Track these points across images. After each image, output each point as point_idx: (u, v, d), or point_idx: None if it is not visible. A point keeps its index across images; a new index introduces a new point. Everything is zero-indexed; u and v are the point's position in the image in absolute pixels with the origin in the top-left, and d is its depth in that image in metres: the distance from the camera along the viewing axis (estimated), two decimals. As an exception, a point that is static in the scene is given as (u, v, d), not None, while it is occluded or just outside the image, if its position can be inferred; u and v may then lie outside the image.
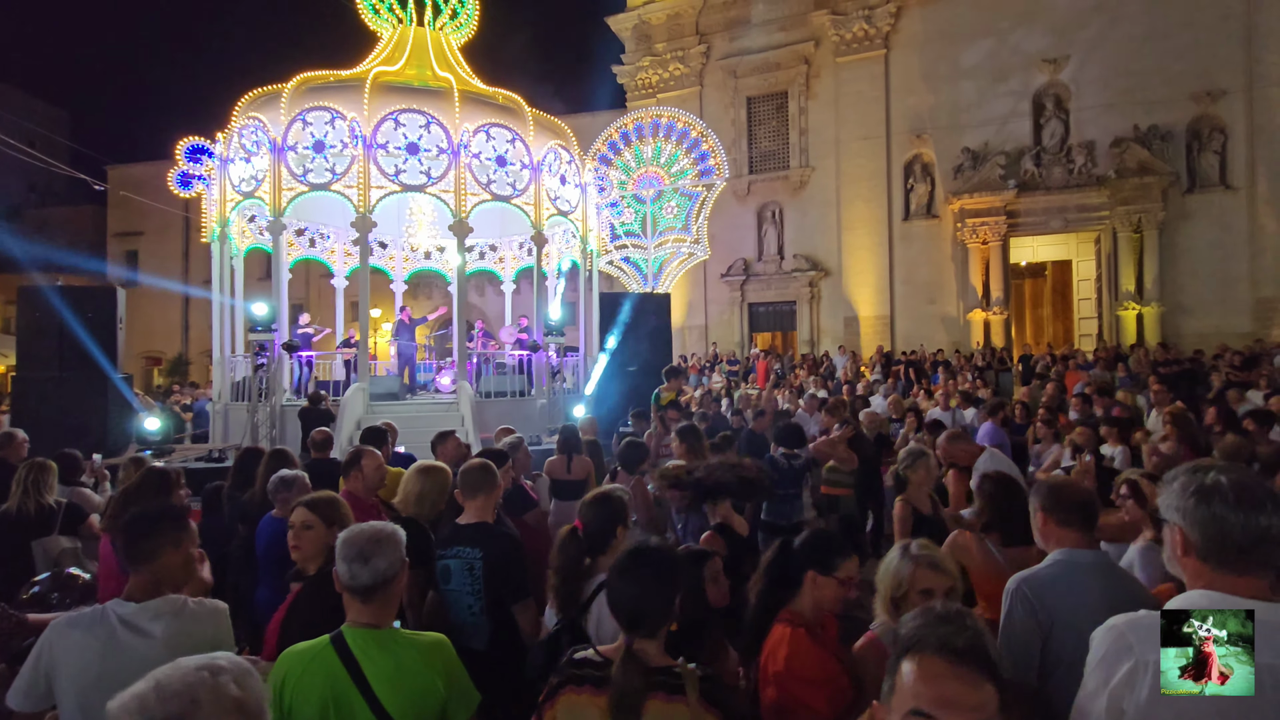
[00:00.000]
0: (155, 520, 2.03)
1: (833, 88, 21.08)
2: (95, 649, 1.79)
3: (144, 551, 1.97)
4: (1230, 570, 1.37)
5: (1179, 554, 1.44)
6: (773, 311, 22.66)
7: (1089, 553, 2.10)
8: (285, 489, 3.48)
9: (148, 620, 1.87)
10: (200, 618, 1.96)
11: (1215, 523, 1.36)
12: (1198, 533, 1.39)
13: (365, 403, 9.35)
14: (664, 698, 1.59)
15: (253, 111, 9.99)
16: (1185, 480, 1.44)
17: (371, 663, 1.78)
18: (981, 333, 18.83)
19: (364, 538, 1.86)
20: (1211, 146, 17.45)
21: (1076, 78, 18.49)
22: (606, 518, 2.27)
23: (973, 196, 18.90)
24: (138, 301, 26.15)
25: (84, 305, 8.60)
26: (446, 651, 1.91)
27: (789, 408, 9.87)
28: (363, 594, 1.84)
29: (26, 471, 3.92)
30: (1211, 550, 1.37)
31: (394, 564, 1.87)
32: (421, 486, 3.09)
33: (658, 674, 1.62)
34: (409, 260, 13.83)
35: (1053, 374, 12.73)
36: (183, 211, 22.53)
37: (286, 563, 3.18)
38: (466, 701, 1.92)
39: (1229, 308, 17.22)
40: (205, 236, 10.87)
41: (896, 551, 2.08)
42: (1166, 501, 1.47)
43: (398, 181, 9.55)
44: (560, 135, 11.19)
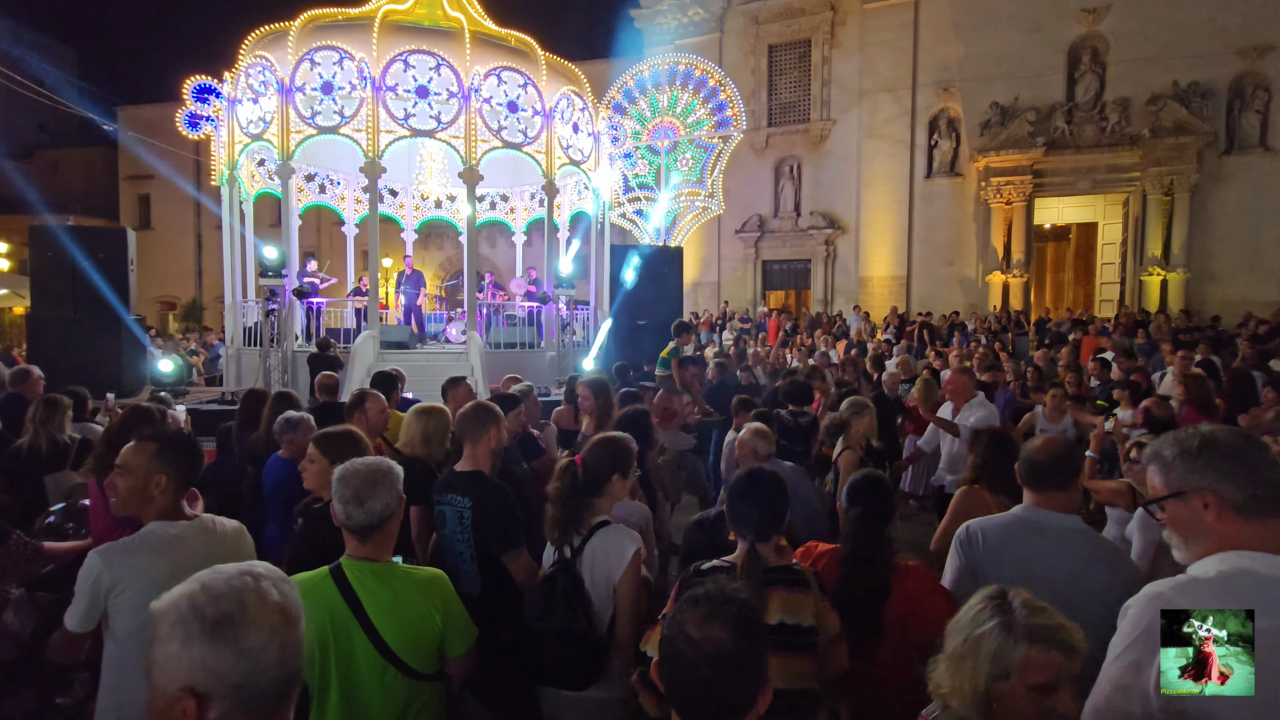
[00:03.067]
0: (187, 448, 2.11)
1: (858, 36, 20.26)
2: (164, 568, 1.87)
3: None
4: (1274, 516, 1.35)
5: (1212, 520, 1.37)
6: (787, 270, 22.36)
7: (1044, 513, 2.05)
8: (291, 430, 3.51)
9: (194, 534, 2.00)
10: (232, 535, 2.11)
11: (1255, 474, 1.35)
12: (1238, 490, 1.35)
13: (376, 350, 9.39)
14: (785, 590, 1.90)
15: (260, 50, 9.76)
16: (1199, 445, 1.39)
17: (369, 594, 1.79)
18: (1000, 296, 18.51)
19: (359, 478, 1.86)
20: (1254, 105, 16.69)
21: (1116, 29, 17.62)
22: (606, 461, 2.26)
23: (999, 154, 18.29)
24: (151, 245, 26.30)
25: (95, 246, 8.61)
26: (444, 586, 1.93)
27: (798, 365, 9.80)
28: (359, 533, 1.86)
29: (38, 408, 3.97)
30: (1259, 503, 1.34)
31: (390, 504, 1.87)
32: (425, 426, 3.09)
33: (776, 571, 1.94)
34: (419, 209, 13.67)
35: (1071, 339, 12.52)
36: (193, 154, 22.35)
37: (293, 502, 3.23)
38: (465, 635, 1.95)
39: (1258, 275, 16.75)
40: (214, 180, 10.78)
41: (987, 612, 1.34)
42: (1184, 473, 1.39)
43: (407, 126, 9.36)
44: (574, 81, 10.87)
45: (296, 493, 3.41)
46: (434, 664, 1.91)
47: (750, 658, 1.15)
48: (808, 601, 1.90)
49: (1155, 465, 1.46)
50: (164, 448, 2.02)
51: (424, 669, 1.86)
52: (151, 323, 20.00)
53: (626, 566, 2.16)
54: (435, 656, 1.91)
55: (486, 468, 2.66)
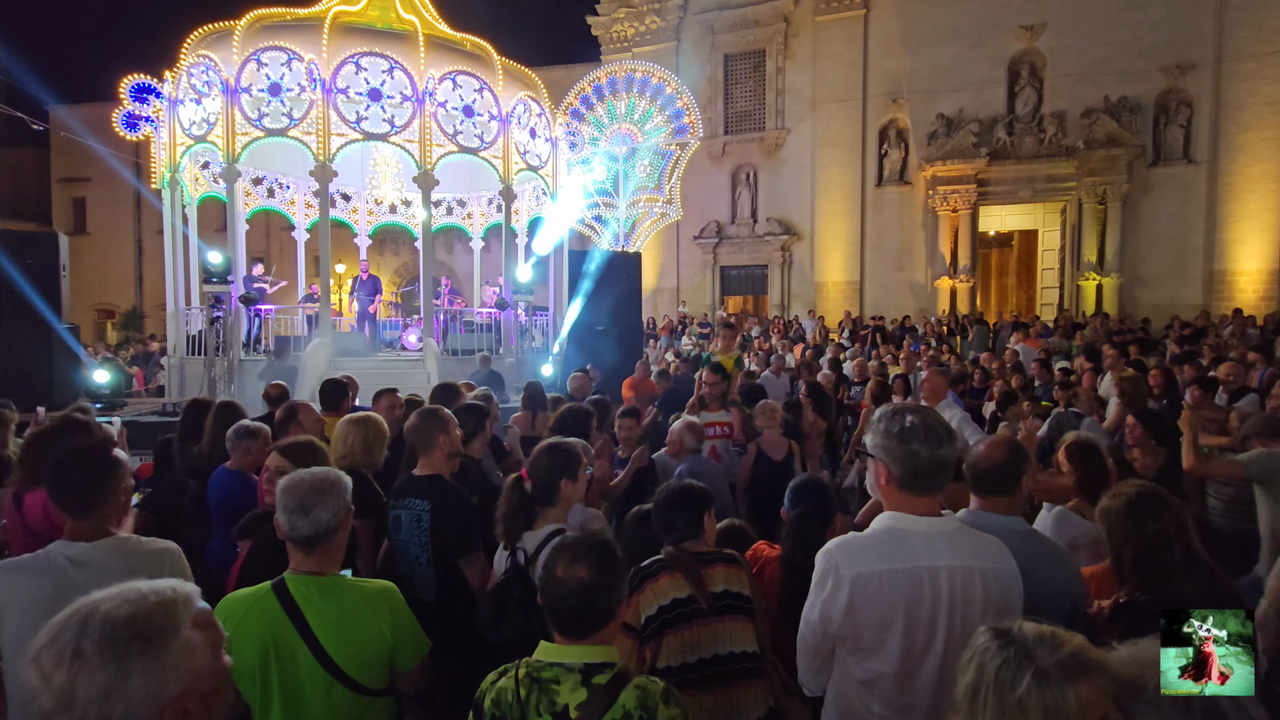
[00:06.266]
0: (89, 468, 1.95)
1: (810, 48, 20.74)
2: (47, 591, 1.74)
3: (90, 502, 1.91)
4: (916, 493, 1.70)
5: (881, 483, 1.74)
6: (745, 275, 22.66)
7: (987, 516, 2.02)
8: (250, 438, 3.39)
9: (96, 556, 1.84)
10: (151, 554, 1.93)
11: (911, 457, 1.66)
12: (897, 466, 1.68)
13: (328, 358, 9.15)
14: (724, 565, 2.18)
15: (203, 50, 9.44)
16: (888, 423, 1.71)
17: (314, 609, 1.75)
18: (948, 300, 19.14)
19: (304, 488, 1.81)
20: (1177, 120, 17.71)
21: (1052, 45, 18.48)
22: (552, 469, 2.26)
23: (945, 164, 18.96)
24: (87, 251, 25.04)
25: (23, 252, 8.16)
26: (393, 598, 1.89)
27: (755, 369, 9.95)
28: (304, 544, 1.81)
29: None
30: (906, 479, 1.69)
31: (336, 514, 1.83)
32: (366, 435, 3.01)
33: (714, 553, 2.22)
34: (373, 214, 13.40)
35: (1011, 341, 13.04)
36: (133, 156, 21.41)
37: (240, 516, 3.12)
38: (416, 648, 1.91)
39: (1183, 280, 17.74)
40: (155, 183, 10.36)
41: (1012, 666, 1.11)
42: (873, 440, 1.74)
43: (359, 129, 9.18)
44: (531, 87, 10.84)
45: (245, 506, 3.30)
46: (384, 679, 1.86)
47: (606, 585, 1.54)
48: (743, 575, 2.21)
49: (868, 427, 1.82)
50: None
51: (373, 684, 1.82)
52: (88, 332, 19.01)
53: None
54: (385, 671, 1.86)
55: (445, 471, 2.63)
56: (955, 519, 1.77)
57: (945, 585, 1.64)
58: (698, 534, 2.22)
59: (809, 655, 1.80)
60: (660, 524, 2.26)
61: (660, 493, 2.30)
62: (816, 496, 2.39)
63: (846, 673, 1.76)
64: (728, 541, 2.49)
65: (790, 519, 2.37)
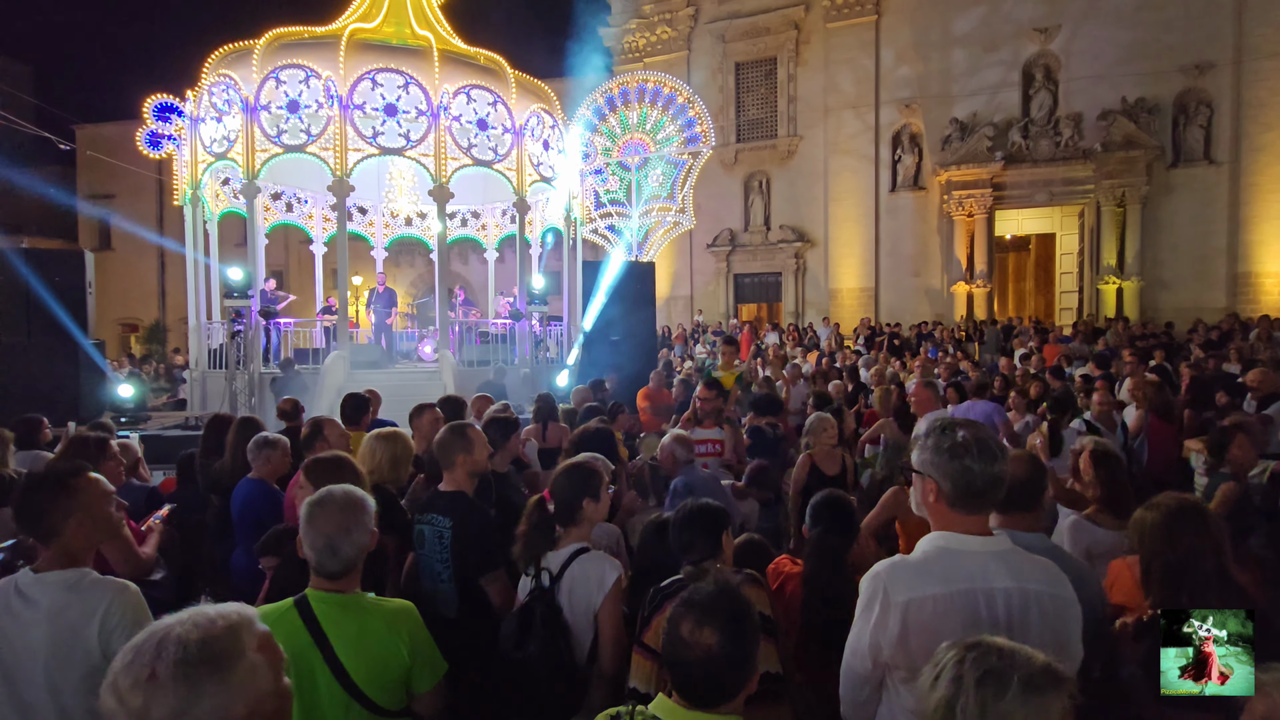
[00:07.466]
0: (42, 491, 1.87)
1: (822, 54, 20.73)
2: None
3: (46, 529, 1.84)
4: (968, 511, 1.62)
5: (929, 500, 1.65)
6: (758, 283, 22.61)
7: (1011, 534, 1.92)
8: (269, 448, 3.45)
9: (39, 591, 1.79)
10: (94, 594, 1.81)
11: (964, 474, 1.58)
12: (949, 483, 1.60)
13: (346, 370, 9.25)
14: (746, 584, 2.01)
15: (223, 69, 9.64)
16: (937, 438, 1.63)
17: (335, 626, 1.76)
18: (965, 305, 18.95)
19: (333, 524, 1.81)
20: (1197, 120, 17.45)
21: (1067, 48, 18.32)
22: (574, 489, 2.26)
23: (960, 168, 18.82)
24: (112, 266, 25.57)
25: (51, 269, 8.34)
26: (412, 619, 1.90)
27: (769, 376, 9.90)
28: (330, 577, 1.84)
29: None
30: (958, 496, 1.60)
31: (362, 543, 1.85)
32: (394, 452, 3.04)
33: (735, 572, 2.10)
34: (389, 227, 13.57)
35: (1031, 347, 12.87)
36: (155, 174, 21.87)
37: (264, 523, 3.16)
38: (432, 670, 1.90)
39: (1206, 283, 17.42)
40: (177, 199, 10.58)
41: (996, 676, 1.12)
42: (920, 456, 1.66)
43: (375, 144, 9.31)
44: (544, 99, 10.93)
45: (267, 514, 3.34)
46: (401, 700, 1.86)
47: (738, 657, 1.37)
48: (764, 595, 2.12)
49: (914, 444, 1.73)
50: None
51: (390, 705, 1.81)
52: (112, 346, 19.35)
53: (608, 593, 2.16)
54: (402, 692, 1.86)
55: (468, 488, 2.64)
56: (1007, 538, 1.66)
57: (1002, 609, 1.54)
58: (716, 553, 2.20)
59: (855, 686, 1.68)
60: (679, 544, 2.24)
61: (678, 512, 2.29)
62: (839, 514, 2.37)
63: (898, 703, 1.63)
64: (746, 557, 2.48)
65: (812, 537, 2.35)
